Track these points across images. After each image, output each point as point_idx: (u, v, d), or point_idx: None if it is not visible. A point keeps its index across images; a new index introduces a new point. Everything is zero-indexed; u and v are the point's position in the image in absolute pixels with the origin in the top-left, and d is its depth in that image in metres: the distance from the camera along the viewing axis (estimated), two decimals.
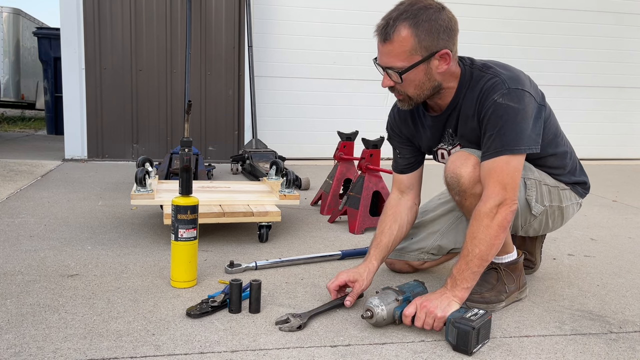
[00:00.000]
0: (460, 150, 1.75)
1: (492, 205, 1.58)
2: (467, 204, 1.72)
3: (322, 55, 5.54)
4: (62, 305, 1.70)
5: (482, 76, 1.68)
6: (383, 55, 1.64)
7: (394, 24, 1.58)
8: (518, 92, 1.61)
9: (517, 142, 1.59)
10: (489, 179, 1.61)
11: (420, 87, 1.66)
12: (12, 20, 8.52)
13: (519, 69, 1.73)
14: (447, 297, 1.58)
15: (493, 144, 1.61)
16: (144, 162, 2.72)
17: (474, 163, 1.67)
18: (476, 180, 1.67)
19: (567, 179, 1.90)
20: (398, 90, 1.69)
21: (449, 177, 1.71)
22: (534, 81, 1.74)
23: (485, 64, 1.71)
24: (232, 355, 1.43)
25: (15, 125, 9.28)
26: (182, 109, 5.11)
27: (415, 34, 1.58)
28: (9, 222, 2.69)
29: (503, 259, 1.84)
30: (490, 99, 1.62)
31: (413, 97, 1.69)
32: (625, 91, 6.38)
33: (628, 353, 1.53)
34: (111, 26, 5.02)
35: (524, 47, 5.93)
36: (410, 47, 1.59)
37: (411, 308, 1.57)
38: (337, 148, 3.21)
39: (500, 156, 1.59)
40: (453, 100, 1.73)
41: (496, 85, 1.62)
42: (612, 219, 3.30)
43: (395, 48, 1.60)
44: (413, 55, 1.60)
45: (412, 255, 2.07)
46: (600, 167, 5.62)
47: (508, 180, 1.59)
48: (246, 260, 2.19)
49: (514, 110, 1.59)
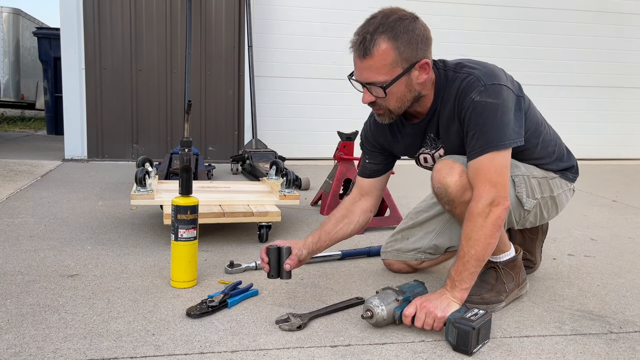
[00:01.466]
0: (444, 158, 1.73)
1: (484, 204, 1.57)
2: (458, 212, 1.71)
3: (322, 55, 5.54)
4: (62, 305, 1.70)
5: (456, 77, 1.67)
6: (363, 71, 1.61)
7: (372, 37, 1.56)
8: (495, 87, 1.60)
9: (500, 138, 1.59)
10: (478, 178, 1.60)
11: (401, 100, 1.65)
12: (12, 20, 8.52)
13: (492, 63, 1.72)
14: (446, 298, 1.58)
15: (477, 142, 1.60)
16: (144, 162, 2.72)
17: (459, 171, 1.65)
18: (464, 188, 1.65)
19: (555, 167, 1.90)
20: (379, 104, 1.67)
21: (436, 188, 1.71)
22: (510, 74, 1.73)
23: (458, 63, 1.70)
24: (232, 355, 1.43)
25: (15, 125, 9.28)
26: (182, 109, 5.11)
27: (395, 47, 1.56)
28: (9, 222, 2.69)
29: (501, 258, 1.84)
30: (468, 98, 1.61)
31: (394, 110, 1.68)
32: (625, 91, 6.37)
33: (628, 353, 1.53)
34: (111, 26, 5.02)
35: (524, 47, 5.93)
36: (392, 60, 1.57)
37: (411, 308, 1.57)
38: (337, 148, 3.22)
39: (486, 154, 1.59)
40: (432, 106, 1.72)
41: (472, 83, 1.61)
42: (612, 219, 3.30)
43: (376, 62, 1.57)
44: (395, 68, 1.58)
45: (409, 256, 2.07)
46: (600, 167, 5.62)
47: (497, 178, 1.59)
48: (246, 260, 2.19)
49: (494, 105, 1.58)
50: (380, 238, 2.59)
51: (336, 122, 5.23)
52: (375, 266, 2.21)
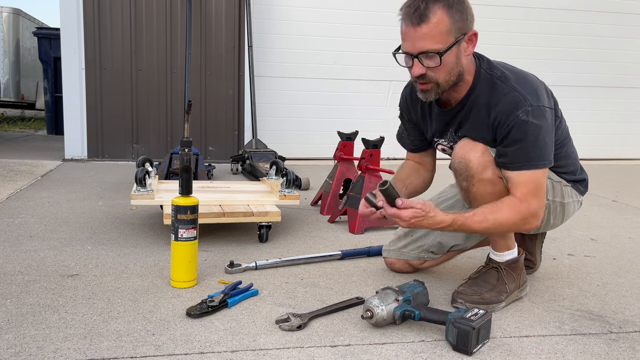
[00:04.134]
0: (465, 139, 1.75)
1: (528, 210, 1.66)
2: (474, 190, 1.72)
3: (322, 56, 5.54)
4: (62, 305, 1.70)
5: (499, 86, 1.68)
6: (417, 40, 1.59)
7: (427, 5, 1.56)
8: (540, 109, 1.64)
9: (540, 158, 1.65)
10: (522, 187, 1.66)
11: (450, 72, 1.65)
12: (12, 20, 8.52)
13: (529, 73, 1.75)
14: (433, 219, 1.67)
15: (517, 157, 1.65)
16: (144, 162, 2.72)
17: (482, 149, 1.70)
18: (485, 166, 1.68)
19: (568, 177, 1.91)
20: (429, 77, 1.65)
21: (457, 162, 1.72)
22: (543, 81, 1.76)
23: (503, 72, 1.70)
24: (232, 355, 1.43)
25: (15, 125, 9.28)
26: (182, 109, 5.11)
27: (450, 15, 1.57)
28: (9, 222, 2.69)
29: (504, 256, 1.85)
30: (514, 115, 1.62)
31: (442, 83, 1.66)
32: (625, 91, 6.38)
33: (628, 353, 1.53)
34: (111, 26, 5.02)
35: (524, 47, 5.93)
36: (446, 28, 1.57)
37: (410, 212, 1.65)
38: (337, 148, 3.21)
39: (527, 170, 1.65)
40: (464, 98, 1.73)
41: (519, 102, 1.63)
42: (612, 219, 3.30)
43: (431, 29, 1.57)
44: (448, 37, 1.59)
45: (412, 254, 2.07)
46: (600, 167, 5.62)
47: (540, 193, 1.67)
48: (246, 260, 2.19)
49: (538, 127, 1.63)
50: (380, 238, 2.59)
51: (336, 122, 5.24)
52: (375, 266, 2.21)
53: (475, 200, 1.73)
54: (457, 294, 1.81)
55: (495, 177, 1.70)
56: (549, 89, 1.77)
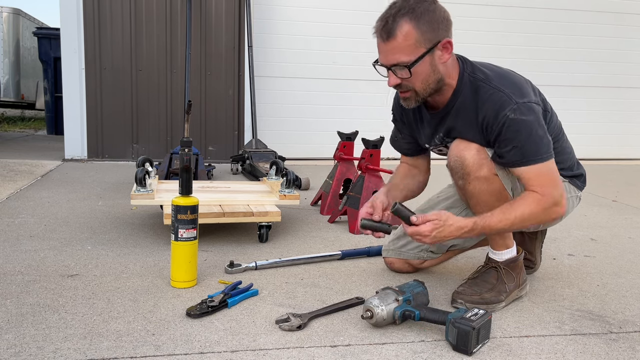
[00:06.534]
0: (459, 139, 1.76)
1: (547, 197, 1.66)
2: (471, 187, 1.73)
3: (322, 56, 5.54)
4: (62, 305, 1.70)
5: (482, 88, 1.69)
6: (387, 54, 1.65)
7: (394, 20, 1.60)
8: (526, 105, 1.65)
9: (538, 151, 1.65)
10: (535, 181, 1.66)
11: (426, 81, 1.68)
12: (12, 20, 8.52)
13: (512, 71, 1.76)
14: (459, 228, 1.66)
15: (516, 155, 1.65)
16: (144, 162, 2.72)
17: (477, 147, 1.71)
18: (481, 164, 1.69)
19: (565, 173, 1.91)
20: (405, 86, 1.69)
21: (453, 160, 1.74)
22: (529, 80, 1.77)
23: (485, 73, 1.72)
24: (232, 355, 1.43)
25: (15, 125, 9.28)
26: (182, 109, 5.11)
27: (417, 27, 1.60)
28: (9, 222, 2.69)
29: (503, 255, 1.85)
30: (502, 114, 1.64)
31: (420, 91, 1.70)
32: (625, 91, 6.38)
33: (628, 353, 1.53)
34: (111, 26, 5.02)
35: (524, 47, 5.93)
36: (414, 40, 1.60)
37: (429, 226, 1.64)
38: (337, 148, 3.21)
39: (533, 165, 1.66)
40: (450, 101, 1.75)
41: (504, 101, 1.64)
42: (612, 219, 3.30)
43: (399, 43, 1.61)
44: (418, 48, 1.62)
45: (411, 253, 2.07)
46: (600, 167, 5.62)
47: (551, 182, 1.67)
48: (246, 260, 2.19)
49: (528, 122, 1.64)
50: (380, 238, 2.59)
51: (336, 122, 5.24)
52: (375, 266, 2.21)
53: (472, 198, 1.74)
54: (457, 294, 1.81)
55: (490, 175, 1.71)
56: (535, 86, 1.78)
